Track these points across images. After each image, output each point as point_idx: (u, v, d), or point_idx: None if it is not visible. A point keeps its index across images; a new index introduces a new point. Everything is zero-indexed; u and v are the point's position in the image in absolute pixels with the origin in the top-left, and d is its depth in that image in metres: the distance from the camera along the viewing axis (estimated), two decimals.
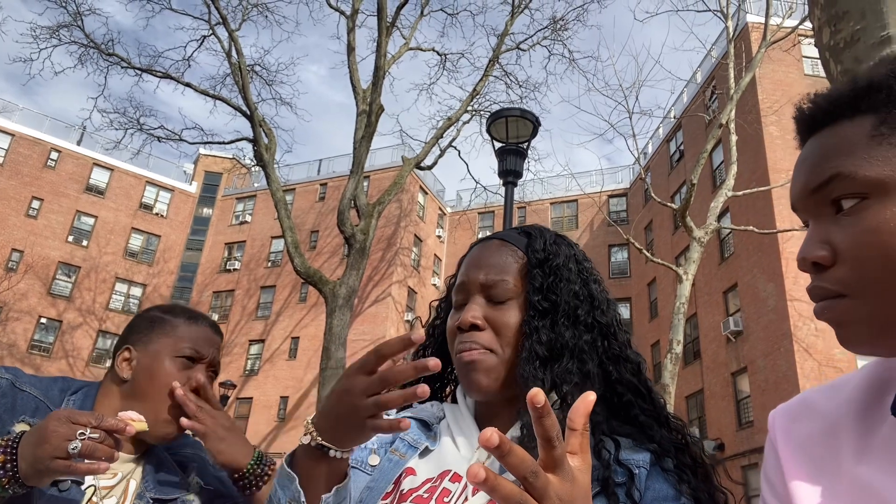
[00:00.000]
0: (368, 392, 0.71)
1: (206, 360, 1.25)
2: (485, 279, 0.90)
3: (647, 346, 25.52)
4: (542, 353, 0.84)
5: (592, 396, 0.53)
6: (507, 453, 0.47)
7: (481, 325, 0.88)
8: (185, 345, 1.23)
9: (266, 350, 29.28)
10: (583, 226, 31.28)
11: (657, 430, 0.84)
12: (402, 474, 0.87)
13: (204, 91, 14.77)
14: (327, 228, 30.11)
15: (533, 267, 0.90)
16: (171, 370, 1.20)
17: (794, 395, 0.76)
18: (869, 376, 0.68)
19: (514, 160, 6.61)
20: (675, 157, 26.63)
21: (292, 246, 11.70)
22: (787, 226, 16.67)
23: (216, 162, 34.47)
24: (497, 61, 15.06)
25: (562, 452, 0.50)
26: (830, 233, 0.60)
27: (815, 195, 0.62)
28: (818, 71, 20.78)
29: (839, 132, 0.61)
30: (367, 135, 12.50)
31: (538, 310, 0.87)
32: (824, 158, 0.61)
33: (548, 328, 0.86)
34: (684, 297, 10.61)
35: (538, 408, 0.48)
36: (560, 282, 0.89)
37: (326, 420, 0.75)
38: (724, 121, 11.78)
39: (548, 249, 0.93)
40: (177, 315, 1.29)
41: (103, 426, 0.92)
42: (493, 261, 0.92)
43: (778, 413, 0.74)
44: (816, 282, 0.60)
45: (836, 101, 0.63)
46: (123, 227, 31.63)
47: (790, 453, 0.68)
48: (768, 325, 18.48)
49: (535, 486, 0.49)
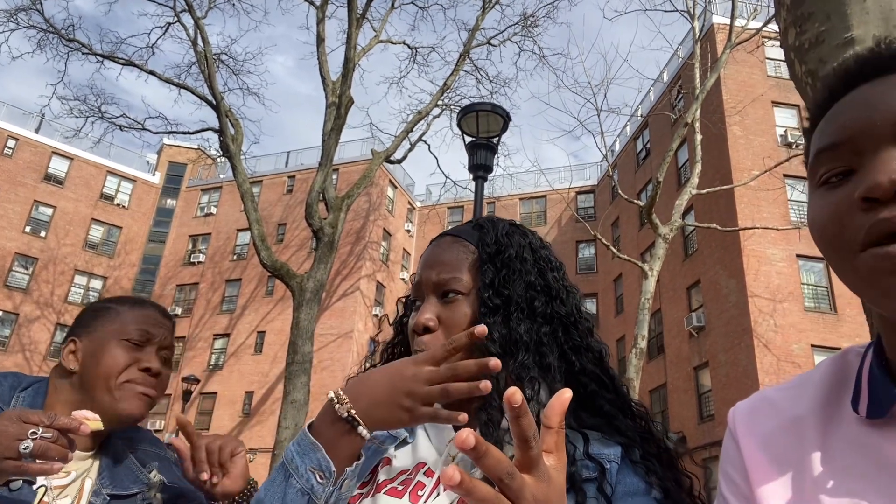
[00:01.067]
0: (433, 381, 0.71)
1: (155, 341, 1.22)
2: (437, 278, 0.89)
3: (613, 341, 25.90)
4: (495, 351, 0.82)
5: (568, 394, 0.52)
6: (484, 455, 0.46)
7: (433, 326, 0.86)
8: (131, 327, 1.20)
9: (231, 344, 28.88)
10: (551, 221, 31.55)
11: (622, 420, 0.84)
12: (379, 463, 0.87)
13: (168, 79, 14.44)
14: (295, 221, 29.80)
15: (484, 262, 0.89)
16: (118, 353, 1.17)
17: (754, 390, 0.76)
18: (828, 373, 0.68)
19: (484, 154, 6.62)
20: (642, 155, 27.02)
21: (259, 239, 11.55)
22: (749, 224, 17.06)
23: (180, 152, 33.79)
24: (468, 56, 15.05)
25: (538, 452, 0.50)
26: None
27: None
28: (781, 73, 21.29)
29: None
30: (336, 127, 12.38)
31: (489, 306, 0.85)
32: None
33: (500, 324, 0.84)
34: (649, 293, 10.79)
35: (515, 407, 0.47)
36: (512, 274, 0.88)
37: (367, 397, 0.74)
38: (689, 120, 11.99)
39: (499, 241, 0.91)
40: (122, 302, 1.26)
41: (56, 425, 0.89)
42: (444, 258, 0.90)
43: (739, 410, 0.73)
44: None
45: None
46: (83, 217, 30.81)
47: (753, 450, 0.68)
48: (729, 321, 18.92)
49: (510, 487, 0.48)
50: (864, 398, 0.60)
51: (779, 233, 17.88)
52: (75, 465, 1.13)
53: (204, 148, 18.90)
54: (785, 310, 17.98)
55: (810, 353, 17.41)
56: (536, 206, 32.45)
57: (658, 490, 0.78)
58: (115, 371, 1.16)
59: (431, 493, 0.80)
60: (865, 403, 0.60)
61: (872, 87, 0.59)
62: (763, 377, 16.97)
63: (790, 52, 1.68)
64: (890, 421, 0.58)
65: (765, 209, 18.91)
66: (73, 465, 1.13)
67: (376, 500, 0.81)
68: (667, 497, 0.78)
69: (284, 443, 9.59)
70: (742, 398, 0.74)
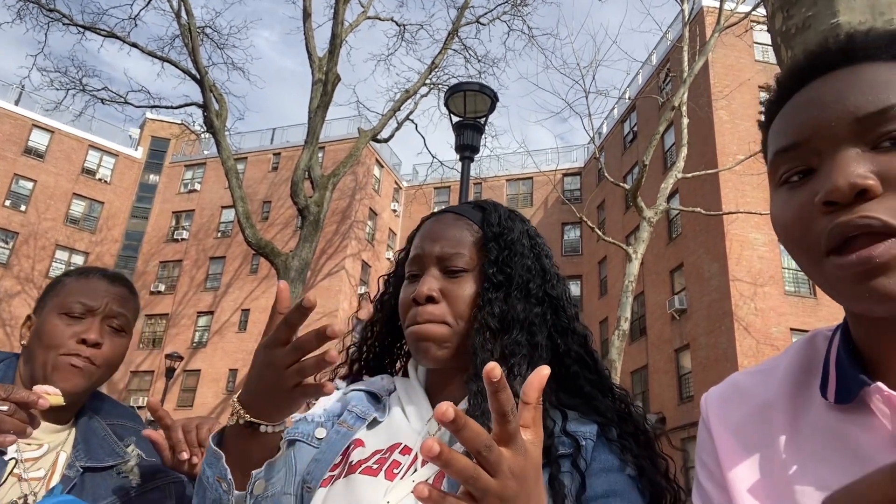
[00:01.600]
0: (287, 362, 0.71)
1: (97, 312, 1.19)
2: (441, 252, 0.90)
3: (596, 323, 26.13)
4: (494, 325, 0.85)
5: (546, 371, 0.53)
6: (462, 427, 0.47)
7: (437, 297, 0.88)
8: (71, 300, 1.18)
9: (215, 322, 28.77)
10: (537, 203, 31.59)
11: (601, 400, 0.86)
12: (350, 446, 0.88)
13: (151, 52, 14.18)
14: (280, 199, 29.59)
15: (488, 240, 0.91)
16: (56, 325, 1.16)
17: (733, 372, 0.77)
18: (797, 358, 0.68)
19: (471, 135, 6.60)
20: (629, 138, 27.05)
21: (243, 216, 11.46)
22: (733, 208, 17.20)
23: (163, 127, 33.29)
24: (456, 34, 14.91)
25: (516, 427, 0.50)
26: (879, 163, 0.55)
27: (862, 123, 0.56)
28: (768, 57, 21.34)
29: (883, 70, 0.58)
30: (322, 104, 12.25)
31: (493, 282, 0.88)
32: (879, 88, 0.56)
33: (501, 300, 0.87)
34: (633, 276, 10.87)
35: (494, 382, 0.48)
36: (514, 256, 0.90)
37: (253, 396, 0.75)
38: (676, 103, 11.99)
39: (503, 224, 0.93)
40: (69, 274, 1.24)
41: (13, 398, 0.88)
42: (448, 234, 0.92)
43: (710, 397, 0.74)
44: (862, 212, 0.54)
45: (874, 42, 0.60)
46: (64, 192, 30.35)
47: (724, 437, 0.69)
48: (711, 304, 19.14)
49: (488, 459, 0.49)
50: (832, 383, 0.61)
51: (762, 217, 18.04)
52: (49, 437, 1.13)
53: (187, 123, 18.64)
54: (765, 293, 18.22)
55: (789, 336, 17.69)
56: (523, 188, 32.44)
57: (632, 468, 0.80)
58: (52, 344, 1.14)
59: (408, 470, 0.81)
60: (833, 389, 0.61)
61: (824, 84, 0.60)
62: (742, 359, 17.24)
63: (777, 37, 1.69)
64: (857, 406, 0.58)
65: (749, 194, 19.06)
66: (47, 438, 1.12)
67: (350, 480, 0.82)
68: (641, 475, 0.80)
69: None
70: (721, 380, 0.75)
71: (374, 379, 0.99)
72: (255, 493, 0.78)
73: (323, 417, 0.94)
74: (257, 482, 0.77)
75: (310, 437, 0.92)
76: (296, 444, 0.91)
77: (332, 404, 0.96)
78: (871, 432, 0.57)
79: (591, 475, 0.78)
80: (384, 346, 1.03)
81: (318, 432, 0.92)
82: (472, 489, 0.49)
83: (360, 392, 0.96)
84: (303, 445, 0.91)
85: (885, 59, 0.58)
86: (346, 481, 0.82)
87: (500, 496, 0.50)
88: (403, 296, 0.92)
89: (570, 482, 0.77)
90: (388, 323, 1.01)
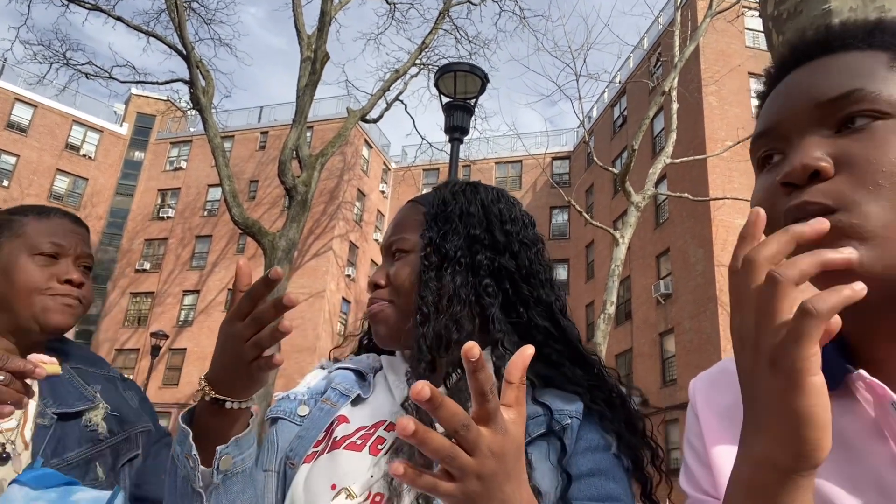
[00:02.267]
0: (246, 336, 0.72)
1: (69, 252, 1.17)
2: (387, 240, 0.95)
3: (583, 307, 26.30)
4: (429, 304, 0.86)
5: (530, 350, 0.53)
6: (439, 406, 0.47)
7: (382, 282, 0.93)
8: (41, 239, 1.14)
9: (201, 301, 28.64)
10: (526, 186, 31.57)
11: (570, 368, 0.86)
12: (333, 422, 0.88)
13: (137, 27, 13.91)
14: (267, 178, 29.35)
15: (428, 221, 0.93)
16: (31, 268, 1.12)
17: (717, 356, 0.78)
18: None
19: (461, 116, 6.56)
20: (619, 123, 27.04)
21: (230, 195, 11.35)
22: (720, 194, 17.29)
23: (149, 103, 32.80)
24: (447, 14, 14.76)
25: (495, 406, 0.50)
26: (834, 146, 0.57)
27: (823, 108, 0.59)
28: (759, 44, 21.33)
29: (854, 58, 0.60)
30: (311, 83, 12.11)
31: (426, 263, 0.89)
32: (841, 74, 0.59)
33: (433, 278, 0.87)
34: (619, 260, 10.92)
35: (472, 361, 0.48)
36: (453, 230, 0.90)
37: (218, 373, 0.76)
38: (666, 88, 11.98)
39: (445, 200, 0.95)
40: (25, 213, 1.19)
41: (9, 367, 0.86)
42: (398, 220, 0.97)
43: (699, 381, 0.75)
44: (808, 196, 0.56)
45: (852, 32, 0.62)
46: (48, 167, 29.91)
47: (710, 420, 0.70)
48: (696, 289, 19.31)
49: (466, 438, 0.49)
50: None
51: (748, 204, 18.13)
52: None
53: (173, 100, 18.38)
54: None
55: None
56: (512, 171, 32.39)
57: (617, 447, 0.81)
58: (33, 286, 1.11)
59: (392, 446, 0.81)
60: None
61: (799, 73, 0.63)
62: (725, 344, 17.44)
63: (768, 22, 1.68)
64: (842, 392, 0.59)
65: (736, 180, 19.16)
66: None
67: (334, 455, 0.82)
68: (620, 441, 0.81)
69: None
70: (705, 364, 0.76)
71: (361, 357, 1.00)
72: (221, 468, 0.78)
73: (306, 395, 0.95)
74: (223, 458, 0.78)
75: (292, 414, 0.92)
76: (278, 422, 0.91)
77: (316, 382, 0.97)
78: (853, 417, 0.58)
79: (577, 454, 0.79)
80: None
81: (300, 410, 0.92)
82: (448, 468, 0.49)
83: (345, 371, 0.96)
84: (285, 423, 0.91)
85: (860, 48, 0.60)
86: (330, 456, 0.82)
87: (478, 474, 0.50)
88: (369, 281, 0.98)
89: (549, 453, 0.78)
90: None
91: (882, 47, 0.60)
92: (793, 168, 0.58)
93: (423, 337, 0.84)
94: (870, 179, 0.55)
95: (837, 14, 1.44)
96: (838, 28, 0.63)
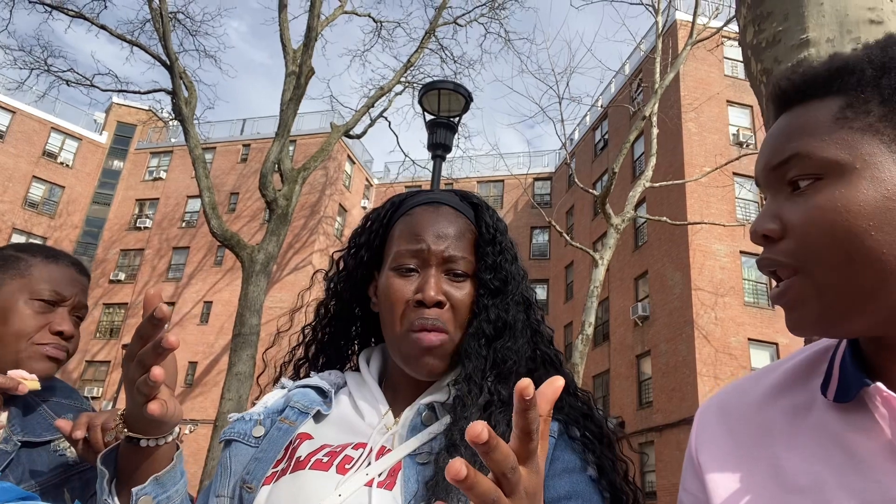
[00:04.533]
0: (134, 378, 0.70)
1: (68, 302, 1.17)
2: (448, 253, 0.86)
3: (561, 327, 26.36)
4: (489, 332, 0.84)
5: (561, 382, 0.51)
6: (493, 449, 0.45)
7: (444, 301, 0.85)
8: (43, 286, 1.14)
9: (176, 313, 28.21)
10: (507, 206, 31.75)
11: (564, 398, 0.85)
12: (293, 440, 0.84)
13: (120, 35, 13.82)
14: (248, 191, 29.17)
15: (486, 243, 0.89)
16: (28, 314, 1.11)
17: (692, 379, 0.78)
18: (803, 360, 0.69)
19: (444, 133, 6.59)
20: (600, 146, 27.37)
21: (209, 206, 11.25)
22: (698, 219, 17.53)
23: (130, 112, 32.53)
24: (433, 34, 14.89)
25: (535, 445, 0.48)
26: (783, 209, 0.61)
27: (775, 172, 0.63)
28: (737, 73, 21.80)
29: (807, 112, 0.62)
30: (295, 97, 12.11)
31: (490, 288, 0.86)
32: (787, 137, 0.62)
33: (497, 306, 0.86)
34: (598, 282, 10.99)
35: (527, 399, 0.45)
36: (506, 261, 0.89)
37: (129, 409, 0.74)
38: (647, 113, 12.18)
39: (496, 226, 0.92)
40: (34, 254, 1.18)
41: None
42: (452, 232, 0.88)
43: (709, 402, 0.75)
44: (766, 253, 0.62)
45: (811, 80, 0.63)
46: (24, 174, 29.43)
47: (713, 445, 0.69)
48: (672, 312, 19.47)
49: (511, 481, 0.47)
50: (834, 382, 0.62)
51: (725, 229, 18.43)
52: None
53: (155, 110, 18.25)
54: (726, 303, 18.61)
55: (747, 346, 18.10)
56: (494, 190, 32.57)
57: (593, 468, 0.80)
58: (24, 333, 1.11)
59: (361, 464, 0.78)
60: (834, 387, 0.61)
61: (773, 125, 0.66)
62: (701, 367, 17.57)
63: (748, 50, 1.72)
64: (856, 406, 0.59)
65: (713, 205, 19.45)
66: None
67: (298, 476, 0.78)
68: (602, 475, 0.79)
69: (227, 415, 9.47)
70: (680, 387, 0.76)
71: (324, 374, 0.95)
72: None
73: (262, 415, 0.90)
74: (141, 499, 0.75)
75: (247, 436, 0.87)
76: (232, 445, 0.87)
77: (273, 402, 0.92)
78: (868, 434, 0.57)
79: (554, 476, 0.77)
80: (336, 347, 0.99)
81: (255, 431, 0.88)
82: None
83: (304, 388, 0.92)
84: (240, 445, 0.87)
85: (818, 97, 0.62)
86: (294, 477, 0.79)
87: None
88: (399, 290, 0.85)
89: None
90: (343, 320, 0.97)
91: (840, 92, 0.61)
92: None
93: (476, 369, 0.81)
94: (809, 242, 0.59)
95: (815, 44, 1.47)
96: (799, 79, 0.64)
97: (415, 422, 0.83)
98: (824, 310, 0.59)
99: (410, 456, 0.79)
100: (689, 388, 17.43)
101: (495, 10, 16.00)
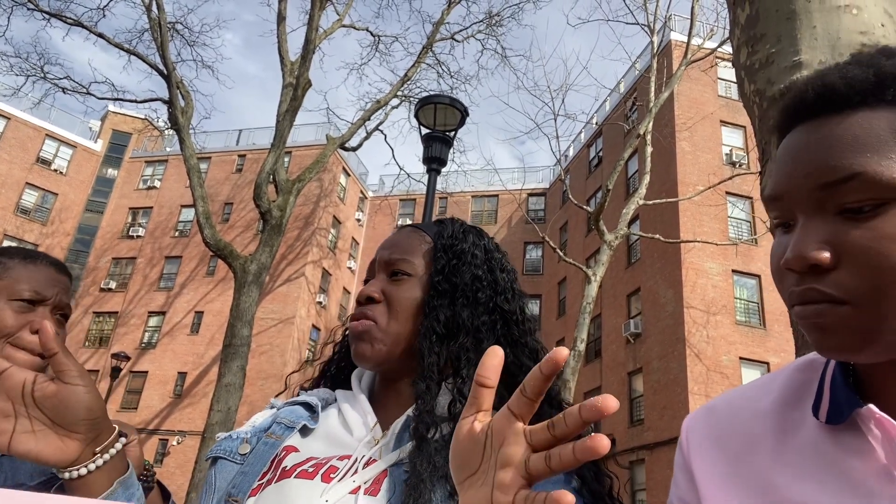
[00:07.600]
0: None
1: (49, 301, 1.15)
2: (389, 257, 0.95)
3: (553, 342, 26.25)
4: (440, 330, 0.88)
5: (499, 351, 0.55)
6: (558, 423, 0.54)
7: (377, 297, 0.92)
8: (22, 286, 1.12)
9: (166, 323, 28.04)
10: (501, 221, 31.82)
11: (548, 410, 0.85)
12: (280, 453, 0.86)
13: (118, 44, 13.86)
14: (242, 202, 29.14)
15: (438, 250, 0.95)
16: (6, 315, 1.10)
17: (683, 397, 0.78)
18: (792, 377, 0.68)
19: (439, 147, 6.61)
20: (594, 163, 27.52)
21: (203, 216, 11.23)
22: (690, 237, 17.61)
23: (126, 121, 32.53)
24: (431, 49, 15.00)
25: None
26: (836, 235, 0.54)
27: (825, 191, 0.54)
28: (731, 93, 22.04)
29: (860, 122, 0.54)
30: (291, 109, 12.14)
31: (438, 290, 0.91)
32: (843, 151, 0.54)
33: (446, 307, 0.90)
34: (591, 298, 11.00)
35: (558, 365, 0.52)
36: (462, 265, 0.93)
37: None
38: (641, 132, 12.27)
39: (455, 236, 0.97)
40: (11, 256, 1.17)
41: None
42: (400, 242, 0.97)
43: (695, 414, 0.73)
44: (812, 283, 0.54)
45: (858, 86, 0.55)
46: (17, 180, 29.32)
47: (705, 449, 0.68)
48: (665, 330, 19.49)
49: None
50: (826, 403, 0.60)
51: (717, 247, 18.53)
52: None
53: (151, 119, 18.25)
54: (717, 322, 18.65)
55: (738, 364, 18.12)
56: (488, 205, 32.66)
57: (577, 480, 0.80)
58: (3, 332, 1.09)
59: (346, 474, 0.79)
60: (826, 408, 0.60)
61: (805, 134, 0.58)
62: (692, 385, 17.57)
63: (741, 71, 1.74)
64: (848, 428, 0.58)
65: (706, 224, 19.56)
66: None
67: (283, 484, 0.79)
68: (584, 486, 0.80)
69: (215, 426, 9.38)
70: (671, 405, 0.75)
71: (314, 391, 0.99)
72: None
73: (249, 434, 0.92)
74: None
75: (233, 454, 0.89)
76: (218, 462, 0.89)
77: (262, 420, 0.95)
78: (861, 456, 0.56)
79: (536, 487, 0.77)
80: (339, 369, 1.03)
81: (241, 448, 0.89)
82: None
83: (292, 406, 0.94)
84: (225, 463, 0.88)
85: (870, 105, 0.55)
86: (279, 486, 0.80)
87: None
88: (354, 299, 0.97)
89: None
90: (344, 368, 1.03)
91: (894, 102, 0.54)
92: (793, 256, 0.55)
93: (430, 365, 0.86)
94: (874, 273, 0.52)
95: (807, 66, 1.49)
96: (843, 84, 0.56)
97: (402, 434, 0.85)
98: (866, 341, 0.53)
99: (396, 465, 0.80)
100: (681, 406, 17.41)
101: (492, 27, 16.15)
